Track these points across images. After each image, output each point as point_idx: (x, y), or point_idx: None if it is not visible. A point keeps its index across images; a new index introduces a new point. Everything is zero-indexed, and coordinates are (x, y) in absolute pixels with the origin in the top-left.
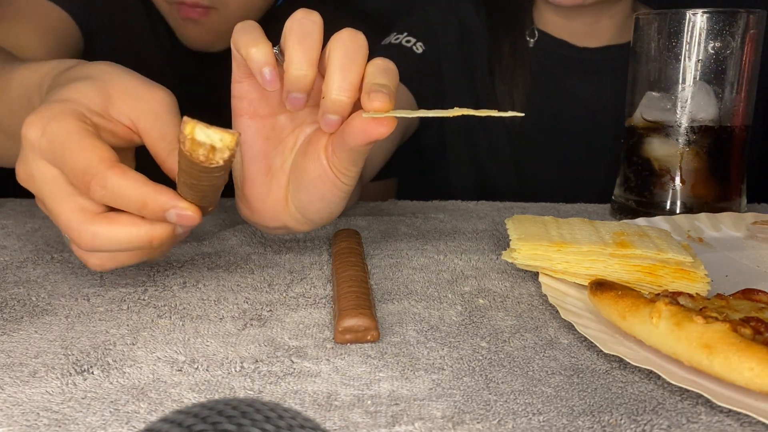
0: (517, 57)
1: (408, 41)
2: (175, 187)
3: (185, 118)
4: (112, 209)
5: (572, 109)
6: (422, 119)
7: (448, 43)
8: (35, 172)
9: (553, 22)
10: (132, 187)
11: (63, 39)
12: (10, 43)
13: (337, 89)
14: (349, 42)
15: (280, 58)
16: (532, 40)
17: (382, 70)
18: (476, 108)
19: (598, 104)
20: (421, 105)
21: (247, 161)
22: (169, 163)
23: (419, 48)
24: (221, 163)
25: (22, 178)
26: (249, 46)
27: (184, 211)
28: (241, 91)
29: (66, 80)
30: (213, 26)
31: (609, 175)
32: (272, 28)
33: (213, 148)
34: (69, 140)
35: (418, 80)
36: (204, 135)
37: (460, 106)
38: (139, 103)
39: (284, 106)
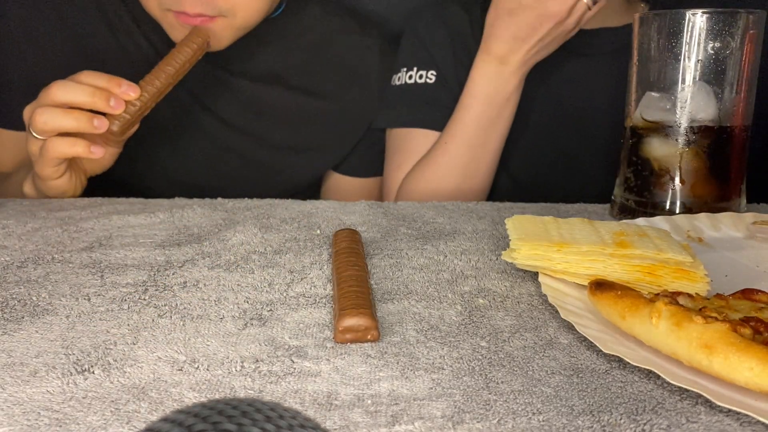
0: None
1: (420, 76)
2: None
3: None
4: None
5: (572, 100)
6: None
7: (444, 56)
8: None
9: None
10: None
11: None
12: None
13: None
14: None
15: None
16: None
17: None
18: None
19: (597, 94)
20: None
21: None
22: None
23: (431, 77)
24: None
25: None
26: None
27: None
28: None
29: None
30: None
31: (609, 174)
32: (269, 35)
33: None
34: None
35: (443, 109)
36: None
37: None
38: None
39: None
